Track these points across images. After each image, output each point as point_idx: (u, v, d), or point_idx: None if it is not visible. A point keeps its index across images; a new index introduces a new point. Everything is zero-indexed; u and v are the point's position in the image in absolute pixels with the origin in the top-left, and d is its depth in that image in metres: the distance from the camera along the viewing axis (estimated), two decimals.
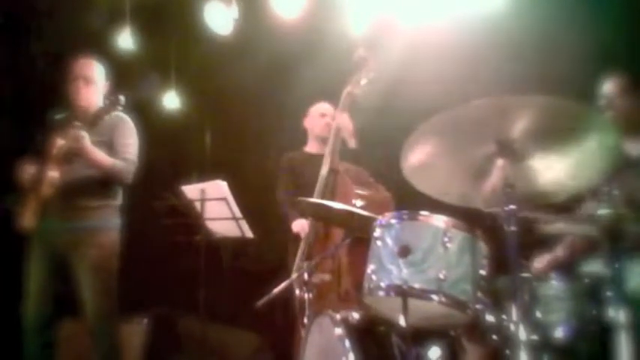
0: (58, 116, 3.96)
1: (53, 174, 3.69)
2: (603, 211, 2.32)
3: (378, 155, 4.11)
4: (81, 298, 3.73)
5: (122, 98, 3.64)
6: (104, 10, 5.46)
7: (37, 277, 3.74)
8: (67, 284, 3.77)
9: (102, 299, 3.72)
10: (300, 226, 4.04)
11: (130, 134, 3.89)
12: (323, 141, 4.23)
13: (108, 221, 3.85)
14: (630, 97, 3.17)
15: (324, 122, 4.33)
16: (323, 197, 3.81)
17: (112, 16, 5.46)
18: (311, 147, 4.42)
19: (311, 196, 3.81)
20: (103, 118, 3.66)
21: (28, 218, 3.78)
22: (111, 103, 3.65)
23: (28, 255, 3.79)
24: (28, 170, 3.79)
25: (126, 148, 3.83)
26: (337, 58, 4.02)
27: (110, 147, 3.79)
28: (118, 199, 3.92)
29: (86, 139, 3.63)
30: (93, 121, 3.67)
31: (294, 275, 3.24)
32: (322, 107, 4.40)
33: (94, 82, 3.88)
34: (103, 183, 3.80)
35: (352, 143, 4.08)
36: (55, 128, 3.86)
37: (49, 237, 3.76)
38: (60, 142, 3.71)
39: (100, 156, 3.71)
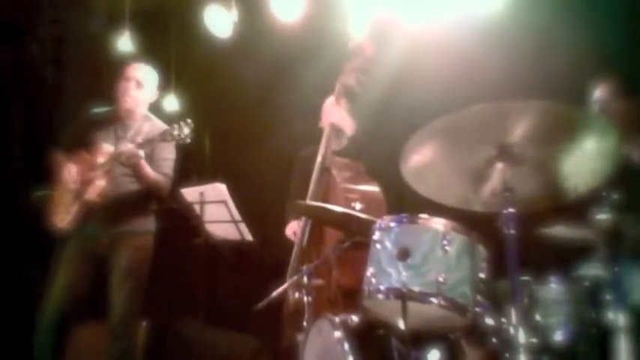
0: (97, 110, 4.04)
1: (101, 183, 3.74)
2: (602, 215, 2.32)
3: (378, 155, 4.09)
4: (109, 298, 3.77)
5: (190, 130, 3.64)
6: (104, 13, 5.48)
7: (66, 278, 3.77)
8: (91, 286, 3.82)
9: (130, 301, 3.78)
10: (292, 229, 4.03)
11: (170, 150, 3.96)
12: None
13: (144, 225, 3.95)
14: (622, 100, 3.15)
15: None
16: (316, 196, 3.77)
17: (111, 19, 5.47)
18: None
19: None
20: (168, 141, 3.72)
21: (62, 219, 3.81)
22: (180, 132, 3.64)
23: (59, 254, 3.82)
24: (70, 170, 3.84)
25: (165, 163, 3.92)
26: (337, 61, 4.01)
27: (149, 159, 3.83)
28: (154, 204, 4.01)
29: (142, 157, 3.71)
30: (153, 142, 3.72)
31: (293, 278, 3.23)
32: (324, 106, 4.32)
33: (144, 88, 3.97)
34: (143, 193, 3.87)
35: (349, 131, 3.94)
36: (93, 122, 3.94)
37: (89, 241, 3.81)
38: (108, 149, 3.77)
39: (150, 172, 3.79)
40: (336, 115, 3.88)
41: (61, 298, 3.73)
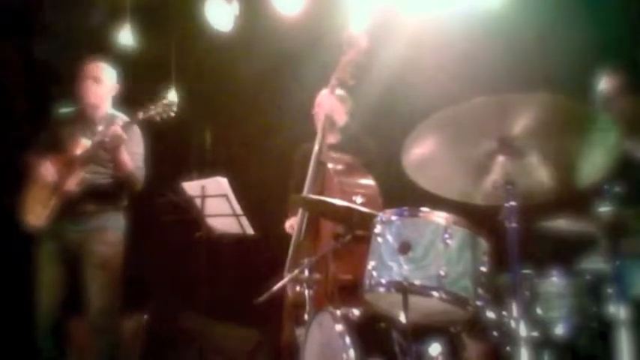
0: (64, 110, 4.11)
1: (80, 173, 3.83)
2: (604, 208, 2.32)
3: (374, 148, 4.07)
4: (85, 294, 3.82)
5: (172, 103, 3.93)
6: (105, 7, 5.47)
7: (48, 277, 3.84)
8: (75, 282, 3.86)
9: (105, 295, 3.83)
10: (291, 224, 4.01)
11: (139, 143, 4.07)
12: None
13: (114, 222, 4.00)
14: (626, 95, 3.12)
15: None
16: (312, 190, 3.74)
17: (112, 13, 5.46)
18: None
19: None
20: (151, 116, 3.88)
21: (38, 216, 3.85)
22: (162, 108, 3.90)
23: (38, 254, 3.89)
24: (47, 166, 3.88)
25: (136, 157, 4.00)
26: (338, 54, 4.00)
27: None
28: (124, 202, 4.08)
29: (126, 139, 3.81)
30: (136, 121, 3.91)
31: (294, 272, 3.22)
32: (318, 97, 4.29)
33: (102, 83, 4.05)
34: (113, 189, 3.97)
35: (341, 121, 3.94)
36: (62, 122, 4.03)
37: (59, 238, 3.87)
38: (84, 143, 3.85)
39: (128, 159, 3.87)
40: (327, 103, 3.89)
41: (51, 298, 3.81)
